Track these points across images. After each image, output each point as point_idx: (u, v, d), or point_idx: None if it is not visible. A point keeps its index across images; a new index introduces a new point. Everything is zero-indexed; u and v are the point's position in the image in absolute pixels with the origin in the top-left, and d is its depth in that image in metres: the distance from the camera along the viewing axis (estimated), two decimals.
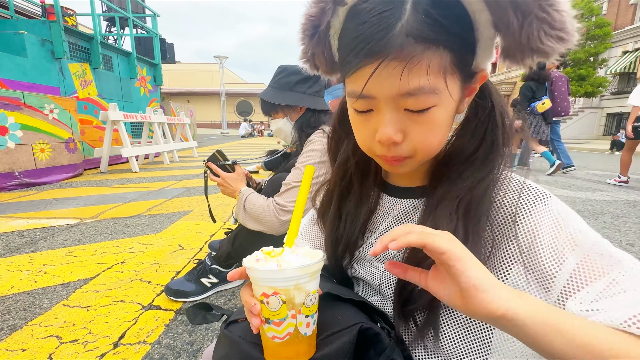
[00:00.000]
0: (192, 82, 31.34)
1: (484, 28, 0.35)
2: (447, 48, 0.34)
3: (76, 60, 4.67)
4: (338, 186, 0.56)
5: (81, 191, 3.08)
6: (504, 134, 0.43)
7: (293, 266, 0.35)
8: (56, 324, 1.05)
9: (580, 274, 0.36)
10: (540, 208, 0.39)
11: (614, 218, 2.44)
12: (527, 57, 0.35)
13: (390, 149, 0.40)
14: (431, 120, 0.37)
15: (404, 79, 0.34)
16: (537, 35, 0.32)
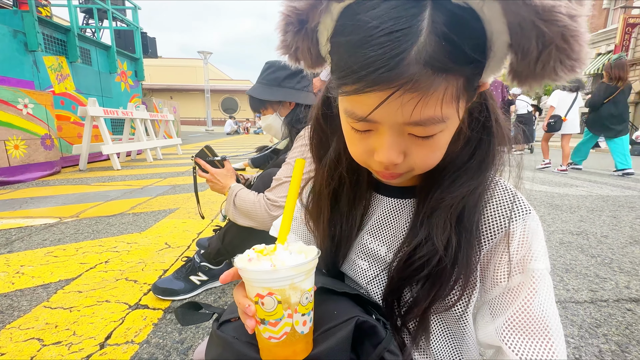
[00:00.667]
0: (174, 77, 30.52)
1: (499, 49, 0.32)
2: (463, 75, 0.31)
3: (51, 53, 4.46)
4: (328, 186, 0.53)
5: (59, 189, 2.96)
6: (498, 142, 0.43)
7: (287, 265, 0.34)
8: (37, 326, 1.01)
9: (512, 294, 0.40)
10: (519, 221, 0.41)
11: (590, 212, 2.56)
12: (536, 82, 0.33)
13: (388, 168, 0.39)
14: (435, 143, 0.36)
15: (416, 110, 0.31)
16: (553, 65, 0.30)
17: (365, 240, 0.51)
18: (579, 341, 1.01)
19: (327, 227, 0.54)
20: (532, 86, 0.34)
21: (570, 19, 0.27)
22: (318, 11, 0.35)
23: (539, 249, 0.40)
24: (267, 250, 0.38)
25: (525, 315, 0.38)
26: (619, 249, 1.78)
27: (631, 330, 1.07)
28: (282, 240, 0.39)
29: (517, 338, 0.38)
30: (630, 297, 1.28)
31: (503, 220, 0.42)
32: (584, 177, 4.34)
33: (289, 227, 0.41)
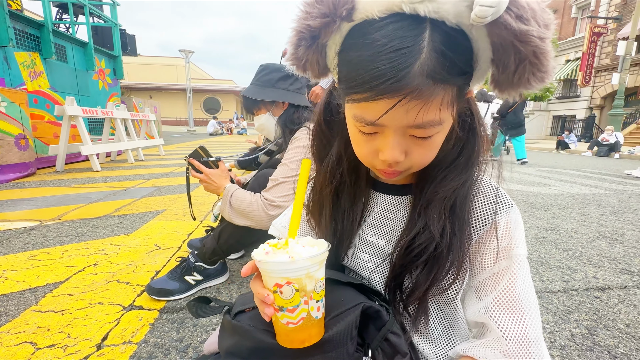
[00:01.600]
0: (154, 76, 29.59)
1: (483, 62, 0.39)
2: (456, 84, 0.37)
3: (24, 49, 4.24)
4: (330, 185, 0.56)
5: (37, 192, 2.84)
6: (482, 142, 0.48)
7: (304, 256, 0.37)
8: (28, 330, 0.99)
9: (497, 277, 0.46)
10: (503, 214, 0.47)
11: (561, 209, 2.74)
12: (514, 91, 0.40)
13: (391, 165, 0.43)
14: (432, 143, 0.42)
15: (419, 115, 0.36)
16: (527, 77, 0.37)
17: (365, 234, 0.55)
18: (553, 327, 1.10)
19: (329, 223, 0.57)
20: (510, 94, 0.41)
21: (540, 40, 0.34)
22: (331, 30, 0.39)
23: (520, 237, 0.46)
24: (280, 245, 0.40)
25: (508, 294, 0.43)
26: (587, 243, 1.93)
27: (599, 316, 1.17)
28: (292, 235, 0.42)
29: (500, 314, 0.43)
30: (598, 286, 1.40)
31: (489, 213, 0.47)
32: (556, 177, 4.61)
33: (299, 223, 0.43)
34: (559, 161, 7.13)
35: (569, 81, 17.28)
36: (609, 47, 14.89)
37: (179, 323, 1.05)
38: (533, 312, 0.43)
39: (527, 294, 0.43)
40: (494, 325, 0.43)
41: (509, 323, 0.42)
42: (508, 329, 0.42)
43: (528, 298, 0.43)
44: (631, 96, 14.40)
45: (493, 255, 0.46)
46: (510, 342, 0.41)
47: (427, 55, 0.34)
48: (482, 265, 0.47)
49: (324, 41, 0.41)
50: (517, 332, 0.41)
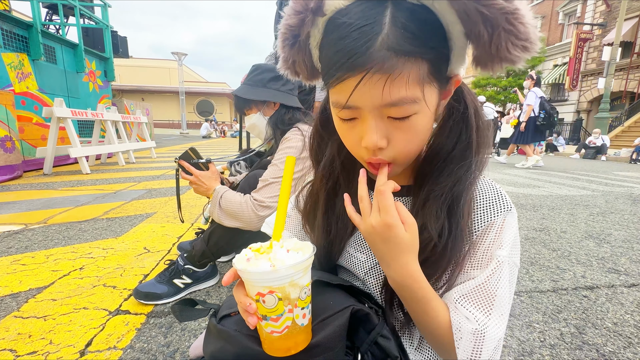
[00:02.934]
0: (146, 78, 29.32)
1: (457, 38, 0.38)
2: (425, 59, 0.36)
3: (11, 50, 4.16)
4: (324, 187, 0.56)
5: (22, 195, 2.77)
6: (478, 133, 0.46)
7: (287, 264, 0.35)
8: (8, 337, 0.95)
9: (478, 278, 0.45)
10: (500, 217, 0.46)
11: (550, 210, 2.78)
12: (496, 65, 0.38)
13: (375, 153, 0.42)
14: (413, 126, 0.40)
15: (386, 90, 0.36)
16: (505, 46, 0.35)
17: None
18: (543, 326, 1.11)
19: (322, 225, 0.56)
20: (495, 70, 0.39)
21: (505, 1, 0.33)
22: (305, 24, 0.41)
23: (507, 240, 0.45)
24: (263, 249, 0.39)
25: (480, 290, 0.44)
26: (576, 243, 1.96)
27: (587, 315, 1.18)
28: (277, 237, 0.41)
29: (467, 302, 0.44)
30: (586, 285, 1.42)
31: (488, 215, 0.46)
32: (545, 179, 4.68)
33: (283, 224, 0.42)
34: (548, 163, 7.26)
35: (557, 85, 17.66)
36: (594, 53, 15.29)
37: (167, 327, 1.02)
38: (497, 309, 0.42)
39: (498, 293, 0.43)
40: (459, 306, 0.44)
41: (472, 309, 0.43)
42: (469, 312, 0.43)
43: (497, 296, 0.43)
44: (616, 100, 14.78)
45: (482, 257, 0.45)
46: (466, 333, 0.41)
47: (389, 30, 0.35)
48: (468, 267, 0.46)
49: (303, 38, 0.43)
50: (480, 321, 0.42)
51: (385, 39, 0.34)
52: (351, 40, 0.35)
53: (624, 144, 10.50)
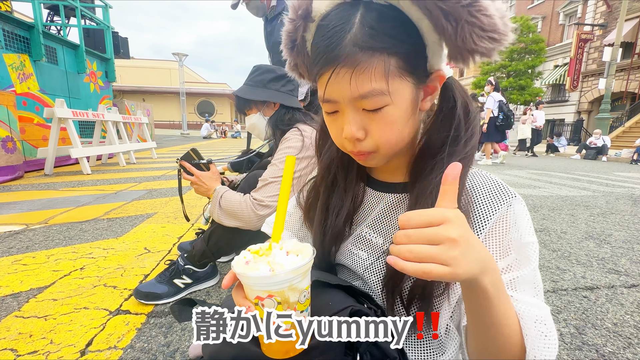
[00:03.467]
0: (147, 79, 29.37)
1: (428, 33, 0.40)
2: (392, 54, 0.38)
3: (13, 51, 4.18)
4: (324, 181, 0.58)
5: (24, 195, 2.78)
6: (467, 128, 0.46)
7: (286, 269, 0.34)
8: (9, 336, 0.96)
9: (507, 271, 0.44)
10: (506, 206, 0.45)
11: (550, 210, 2.78)
12: (468, 57, 0.39)
13: (355, 144, 0.44)
14: (385, 118, 0.42)
15: (353, 83, 0.39)
16: (470, 38, 0.37)
17: (365, 233, 0.55)
18: None
19: (319, 219, 0.57)
20: (468, 63, 0.40)
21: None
22: (297, 29, 0.46)
23: (526, 226, 0.45)
24: (262, 251, 0.38)
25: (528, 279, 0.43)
26: (576, 244, 1.95)
27: (587, 315, 1.18)
28: (276, 239, 0.41)
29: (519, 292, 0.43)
30: (586, 285, 1.42)
31: (492, 208, 0.45)
32: (546, 179, 4.68)
33: (283, 225, 0.42)
34: (549, 164, 7.25)
35: (558, 86, 17.66)
36: (595, 53, 15.27)
37: (167, 327, 1.03)
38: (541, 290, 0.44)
39: (537, 276, 0.44)
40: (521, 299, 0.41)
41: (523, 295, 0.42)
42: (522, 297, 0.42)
43: (538, 280, 0.44)
44: (617, 100, 14.76)
45: (500, 250, 0.45)
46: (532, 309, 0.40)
47: (357, 28, 0.38)
48: None
49: (300, 42, 0.47)
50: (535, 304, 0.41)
51: (353, 36, 0.38)
52: (326, 39, 0.40)
53: (624, 145, 10.48)
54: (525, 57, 16.12)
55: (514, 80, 15.98)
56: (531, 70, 16.22)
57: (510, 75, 16.29)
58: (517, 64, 15.86)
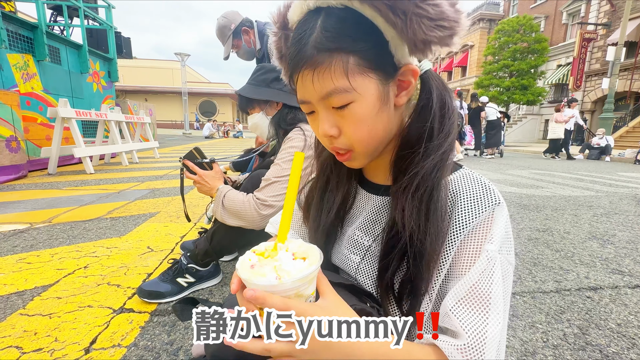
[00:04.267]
0: (149, 79, 29.46)
1: (385, 29, 0.41)
2: (351, 52, 0.40)
3: (17, 51, 4.21)
4: (320, 180, 0.59)
5: (28, 194, 2.79)
6: (441, 123, 0.45)
7: (293, 277, 0.34)
8: (14, 334, 0.97)
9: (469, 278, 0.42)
10: (488, 212, 0.43)
11: (554, 211, 2.76)
12: (424, 48, 0.40)
13: (332, 142, 0.46)
14: (353, 114, 0.43)
15: (315, 83, 0.42)
16: (420, 28, 0.38)
17: (356, 235, 0.55)
18: (546, 326, 1.10)
19: (314, 214, 0.59)
20: (426, 53, 0.41)
21: None
22: (280, 39, 0.50)
23: (497, 233, 0.42)
24: (268, 252, 0.38)
25: (473, 292, 0.41)
26: (579, 244, 1.95)
27: (590, 315, 1.18)
28: (282, 239, 0.40)
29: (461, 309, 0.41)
30: (590, 286, 1.41)
31: (475, 210, 0.44)
32: (548, 180, 4.66)
33: (289, 225, 0.41)
34: (551, 164, 7.22)
35: (561, 86, 17.56)
36: (598, 53, 15.18)
37: (170, 326, 1.03)
38: (494, 312, 0.40)
39: (493, 294, 0.40)
40: (457, 321, 0.41)
41: (468, 318, 0.40)
42: (469, 325, 0.40)
43: (494, 299, 0.40)
44: (621, 100, 14.66)
45: (473, 256, 0.43)
46: (469, 338, 0.39)
47: (317, 32, 0.41)
48: (461, 270, 0.43)
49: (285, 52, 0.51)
50: (478, 331, 0.39)
51: (313, 40, 0.41)
52: (293, 45, 0.43)
53: (628, 145, 10.41)
54: (528, 56, 16.05)
55: (516, 80, 15.91)
56: (534, 69, 16.14)
57: (513, 75, 16.22)
58: (519, 63, 15.79)
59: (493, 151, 8.57)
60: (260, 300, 0.33)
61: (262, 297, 0.33)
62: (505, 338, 0.42)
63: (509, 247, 0.44)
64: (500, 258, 0.42)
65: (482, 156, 8.68)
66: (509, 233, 0.44)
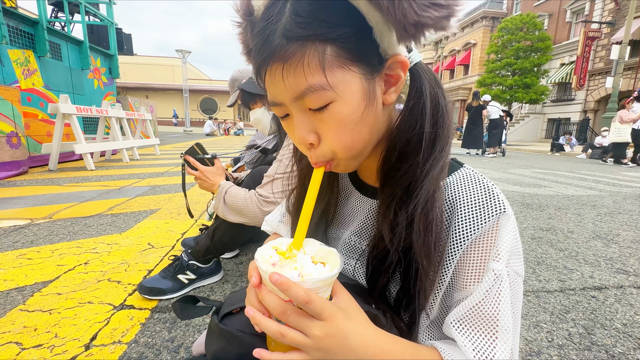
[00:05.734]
0: (151, 76, 29.45)
1: (369, 13, 0.34)
2: (327, 41, 0.33)
3: (17, 47, 4.19)
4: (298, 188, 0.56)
5: (28, 190, 2.79)
6: (433, 122, 0.40)
7: (315, 278, 0.33)
8: (14, 330, 0.96)
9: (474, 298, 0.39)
10: (492, 221, 0.39)
11: (557, 210, 2.74)
12: (416, 33, 0.33)
13: (310, 151, 0.40)
14: (334, 116, 0.37)
15: (286, 79, 0.35)
16: (411, 8, 0.31)
17: (353, 241, 0.53)
18: (550, 326, 1.09)
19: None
20: (417, 39, 0.34)
21: None
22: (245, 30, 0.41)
23: (504, 248, 0.38)
24: (288, 252, 0.37)
25: (478, 311, 0.38)
26: (583, 243, 1.93)
27: (595, 315, 1.16)
28: (297, 246, 0.38)
29: (468, 329, 0.38)
30: (594, 285, 1.40)
31: (478, 219, 0.39)
32: (551, 179, 4.63)
33: (305, 233, 0.39)
34: (554, 163, 7.19)
35: (564, 84, 17.46)
36: (602, 51, 15.08)
37: (171, 323, 1.02)
38: (502, 335, 0.37)
39: (502, 315, 0.37)
40: (463, 338, 0.38)
41: (474, 341, 0.38)
42: (477, 347, 0.37)
43: (502, 320, 0.37)
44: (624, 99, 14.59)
45: (478, 269, 0.39)
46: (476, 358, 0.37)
47: (286, 18, 0.34)
48: (464, 284, 0.40)
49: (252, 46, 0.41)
50: (486, 353, 0.37)
51: (282, 28, 0.33)
52: (258, 36, 0.36)
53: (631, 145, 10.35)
54: (531, 55, 15.96)
55: (519, 78, 15.82)
56: (537, 68, 16.04)
57: (516, 74, 16.14)
58: (522, 61, 15.70)
59: (495, 150, 8.53)
60: (285, 287, 0.31)
61: (287, 283, 0.31)
62: (518, 351, 0.39)
63: (517, 259, 0.40)
64: (508, 271, 0.38)
65: (484, 155, 8.65)
66: (517, 244, 0.40)
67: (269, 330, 0.33)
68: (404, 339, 0.39)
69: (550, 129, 18.18)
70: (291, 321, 0.33)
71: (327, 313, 0.33)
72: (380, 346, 0.36)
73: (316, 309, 0.32)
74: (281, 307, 0.33)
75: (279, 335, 0.33)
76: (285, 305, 0.33)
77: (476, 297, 0.38)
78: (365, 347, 0.35)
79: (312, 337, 0.33)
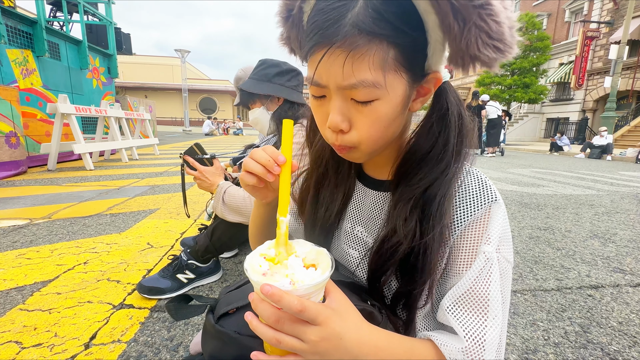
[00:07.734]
0: (150, 76, 29.40)
1: (433, 30, 0.36)
2: (392, 44, 0.35)
3: (16, 46, 4.18)
4: (315, 173, 0.56)
5: (27, 190, 2.79)
6: (458, 136, 0.44)
7: (306, 285, 0.33)
8: (14, 329, 0.96)
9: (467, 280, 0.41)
10: (484, 209, 0.43)
11: (555, 209, 2.76)
12: (468, 63, 0.37)
13: (338, 137, 0.42)
14: (374, 112, 0.39)
15: (347, 67, 0.36)
16: (475, 42, 0.34)
17: (356, 231, 0.54)
18: (547, 324, 1.10)
19: (310, 210, 0.56)
20: (467, 69, 0.37)
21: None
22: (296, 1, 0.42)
23: (494, 233, 0.41)
24: (277, 257, 0.37)
25: (471, 294, 0.40)
26: (580, 242, 1.94)
27: (592, 313, 1.18)
28: (283, 213, 0.39)
29: (460, 311, 0.41)
30: (591, 284, 1.41)
31: (471, 207, 0.43)
32: (550, 178, 4.65)
33: (288, 198, 0.39)
34: (552, 163, 7.21)
35: (562, 84, 17.48)
36: (601, 51, 15.10)
37: (170, 322, 1.03)
38: (492, 316, 0.40)
39: (492, 296, 0.40)
40: (456, 322, 0.41)
41: (467, 321, 0.40)
42: (468, 328, 0.40)
43: (492, 300, 0.40)
44: (623, 99, 14.62)
45: (470, 254, 0.42)
46: (469, 341, 0.39)
47: (360, 9, 0.34)
48: (457, 269, 0.43)
49: (296, 12, 0.43)
50: (477, 333, 0.39)
51: (354, 16, 0.34)
52: (324, 13, 0.36)
53: (630, 144, 10.39)
54: (530, 54, 15.97)
55: (518, 78, 15.84)
56: (536, 68, 16.06)
57: (515, 73, 16.16)
58: (521, 61, 15.70)
59: (494, 150, 8.55)
60: (277, 298, 0.31)
61: (279, 294, 0.31)
62: (506, 338, 0.42)
63: (507, 246, 0.43)
64: (498, 257, 0.41)
65: (483, 155, 8.66)
66: (507, 231, 0.43)
67: (265, 336, 0.34)
68: (398, 334, 0.40)
69: (549, 129, 18.22)
70: (286, 329, 0.33)
71: (321, 318, 0.33)
72: (375, 344, 0.36)
73: (310, 315, 0.32)
74: (275, 316, 0.33)
75: (275, 341, 0.33)
76: (278, 314, 0.33)
77: (468, 278, 0.41)
78: (360, 346, 0.35)
79: (308, 342, 0.33)
